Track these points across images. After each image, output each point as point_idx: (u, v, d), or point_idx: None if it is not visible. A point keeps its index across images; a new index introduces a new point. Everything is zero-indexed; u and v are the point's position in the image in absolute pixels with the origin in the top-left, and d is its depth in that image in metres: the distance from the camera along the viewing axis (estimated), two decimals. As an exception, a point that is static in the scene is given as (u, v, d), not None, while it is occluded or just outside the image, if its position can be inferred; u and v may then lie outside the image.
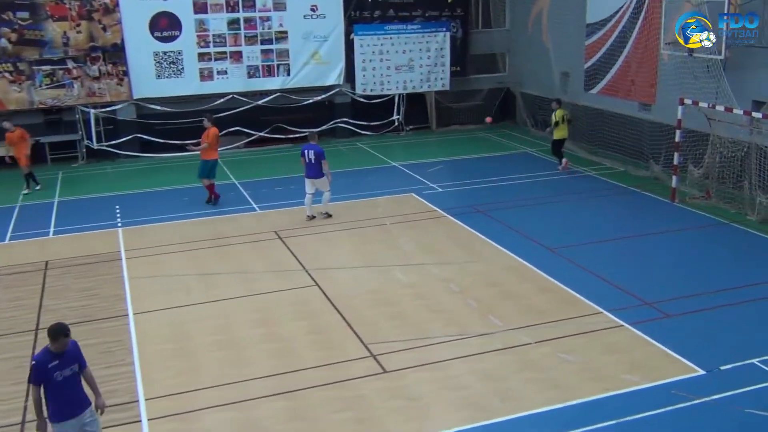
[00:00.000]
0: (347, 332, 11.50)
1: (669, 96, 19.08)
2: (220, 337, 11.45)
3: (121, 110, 24.05)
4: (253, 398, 9.66)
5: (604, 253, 14.59)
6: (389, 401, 9.52)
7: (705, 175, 17.97)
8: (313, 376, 10.16)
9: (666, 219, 16.74)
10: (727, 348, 10.54)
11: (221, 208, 18.36)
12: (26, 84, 22.90)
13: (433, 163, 22.56)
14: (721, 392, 9.43)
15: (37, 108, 23.28)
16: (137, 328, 11.85)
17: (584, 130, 23.46)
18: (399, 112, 27.11)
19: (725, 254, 14.50)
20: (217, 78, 24.85)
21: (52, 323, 8.01)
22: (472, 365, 10.35)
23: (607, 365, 10.21)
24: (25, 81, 22.87)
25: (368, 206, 18.20)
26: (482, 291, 12.90)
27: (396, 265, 14.23)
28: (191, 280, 13.80)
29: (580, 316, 11.78)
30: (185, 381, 10.16)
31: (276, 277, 13.82)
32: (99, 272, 14.34)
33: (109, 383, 10.12)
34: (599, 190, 19.11)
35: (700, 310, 11.82)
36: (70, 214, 18.31)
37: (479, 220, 16.75)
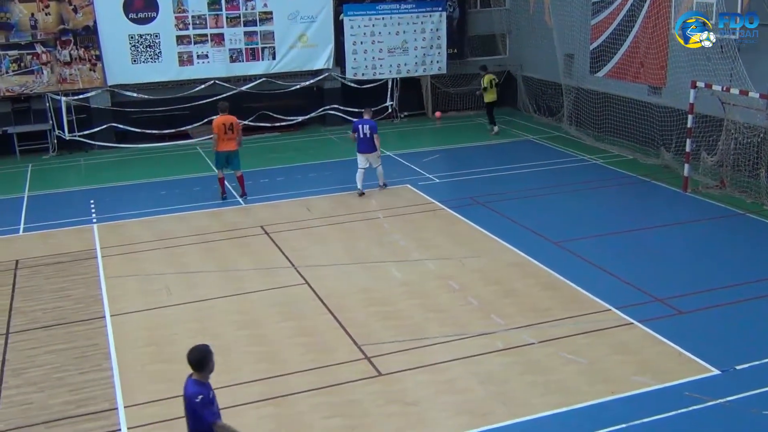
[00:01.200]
0: (339, 333, 11.54)
1: (680, 79, 19.16)
2: (202, 340, 11.41)
3: (95, 98, 24.00)
4: (238, 404, 9.70)
5: (612, 247, 14.66)
6: (384, 406, 9.58)
7: (719, 163, 18.04)
8: (303, 381, 10.20)
9: (678, 210, 16.83)
10: (743, 346, 10.61)
11: (204, 201, 18.36)
12: (-8, 70, 22.86)
13: (429, 152, 22.60)
14: (736, 393, 9.50)
15: (3, 96, 23.17)
16: (115, 331, 11.87)
17: (590, 115, 23.53)
18: (392, 97, 27.12)
19: (741, 247, 14.60)
20: (198, 62, 24.81)
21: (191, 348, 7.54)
22: (472, 367, 10.41)
23: (615, 366, 10.28)
24: (-9, 67, 22.85)
25: (360, 199, 18.23)
26: (483, 288, 12.97)
27: (391, 262, 14.28)
28: (172, 279, 13.82)
29: (586, 314, 11.85)
30: (167, 387, 10.17)
31: (262, 276, 13.85)
32: (73, 271, 14.35)
33: (85, 390, 10.18)
34: (606, 180, 19.18)
35: (715, 306, 11.89)
36: (40, 210, 18.30)
37: (479, 213, 16.81)
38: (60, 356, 11.16)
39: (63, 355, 11.18)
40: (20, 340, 11.69)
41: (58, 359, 11.06)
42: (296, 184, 19.68)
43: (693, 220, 16.17)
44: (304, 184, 19.58)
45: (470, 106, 28.07)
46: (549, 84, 25.84)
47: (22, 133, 23.63)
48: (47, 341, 11.64)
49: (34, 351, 11.33)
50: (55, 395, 10.07)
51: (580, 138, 23.36)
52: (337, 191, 18.88)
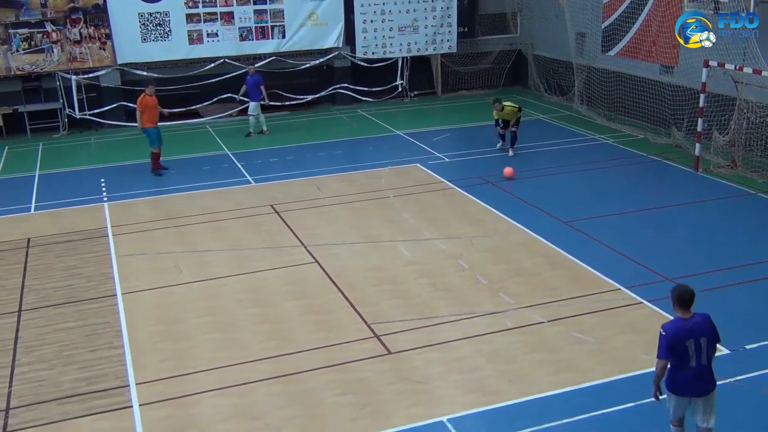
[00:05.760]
0: (349, 312, 11.59)
1: (692, 58, 19.01)
2: (213, 318, 11.55)
3: (105, 76, 24.03)
4: (249, 382, 9.76)
5: (623, 226, 14.63)
6: (393, 384, 9.62)
7: (731, 143, 17.95)
8: (313, 359, 10.26)
9: (689, 189, 16.78)
10: (753, 326, 10.61)
11: (214, 180, 18.39)
12: (2, 49, 22.85)
13: (439, 132, 22.56)
14: (746, 373, 9.52)
15: (14, 75, 23.23)
16: (126, 309, 11.95)
17: (601, 94, 23.42)
18: (402, 76, 27.06)
19: (752, 227, 14.55)
20: (207, 41, 24.78)
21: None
22: (481, 346, 10.45)
23: (624, 345, 10.29)
24: (1, 46, 22.83)
25: (370, 178, 18.24)
26: (492, 267, 12.98)
27: (400, 241, 14.30)
28: (182, 258, 13.88)
29: (596, 293, 11.86)
30: (178, 364, 10.26)
31: (272, 254, 13.89)
32: (84, 250, 14.43)
33: (96, 367, 10.26)
34: (617, 159, 19.12)
35: (726, 285, 11.87)
36: (52, 189, 18.38)
37: (489, 192, 16.80)
38: (71, 334, 11.24)
39: (74, 333, 11.26)
40: (32, 318, 11.78)
41: (70, 337, 11.14)
42: (306, 163, 19.69)
43: (704, 199, 16.11)
44: (313, 163, 19.59)
45: (480, 85, 27.97)
46: (560, 63, 25.69)
47: (33, 111, 23.70)
48: (58, 319, 11.72)
49: (45, 329, 11.42)
50: (66, 372, 10.16)
51: (590, 117, 23.25)
52: (347, 170, 18.88)
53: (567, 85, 25.26)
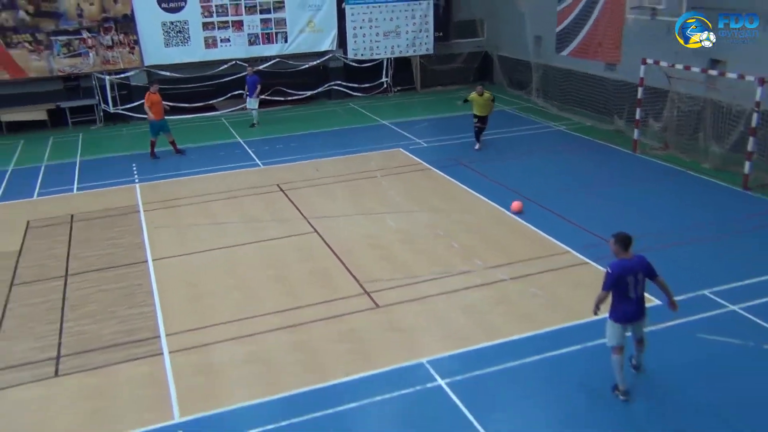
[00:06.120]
0: (344, 273, 11.66)
1: (633, 56, 19.04)
2: (231, 280, 11.60)
3: (134, 76, 23.81)
4: (262, 332, 9.85)
5: (574, 200, 14.71)
6: (382, 333, 9.73)
7: (664, 128, 18.04)
8: (315, 312, 10.34)
9: (628, 168, 16.87)
10: (681, 281, 10.69)
11: (228, 164, 18.34)
12: (45, 53, 22.58)
13: (419, 121, 22.53)
14: (675, 320, 9.64)
15: (56, 76, 23.01)
16: (156, 273, 11.98)
17: (555, 88, 23.42)
18: (387, 74, 26.93)
19: (681, 199, 14.67)
20: (221, 45, 24.56)
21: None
22: (456, 300, 10.56)
23: (574, 298, 10.42)
24: (44, 50, 22.55)
25: (361, 161, 18.23)
26: (464, 235, 13.06)
27: (387, 213, 14.35)
28: (204, 229, 13.90)
29: (550, 256, 11.97)
30: (202, 318, 10.33)
31: (280, 225, 13.92)
32: (120, 224, 14.42)
33: (132, 322, 10.32)
34: (569, 144, 19.17)
35: (657, 248, 11.96)
36: (91, 172, 18.29)
37: (461, 172, 16.84)
38: (110, 294, 11.28)
39: (113, 294, 11.30)
40: (77, 281, 11.80)
41: (109, 297, 11.18)
42: (307, 148, 19.64)
43: (641, 177, 16.21)
44: (313, 149, 19.54)
45: (453, 81, 27.90)
46: (520, 62, 25.63)
47: (74, 107, 23.49)
48: (99, 282, 11.75)
49: (88, 290, 11.45)
50: (106, 326, 10.22)
51: (546, 108, 23.27)
52: (341, 154, 18.86)
53: (526, 81, 25.21)
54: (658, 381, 8.43)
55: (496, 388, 8.39)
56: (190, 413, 8.14)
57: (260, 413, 8.11)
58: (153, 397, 8.49)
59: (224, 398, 8.40)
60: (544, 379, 8.56)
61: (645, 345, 8.41)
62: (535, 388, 8.41)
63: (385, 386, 8.49)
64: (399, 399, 8.26)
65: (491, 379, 8.57)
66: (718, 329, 9.43)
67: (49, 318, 10.57)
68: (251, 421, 7.96)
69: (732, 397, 8.10)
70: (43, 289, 11.58)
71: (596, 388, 8.36)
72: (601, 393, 8.27)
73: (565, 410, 8.00)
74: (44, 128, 23.17)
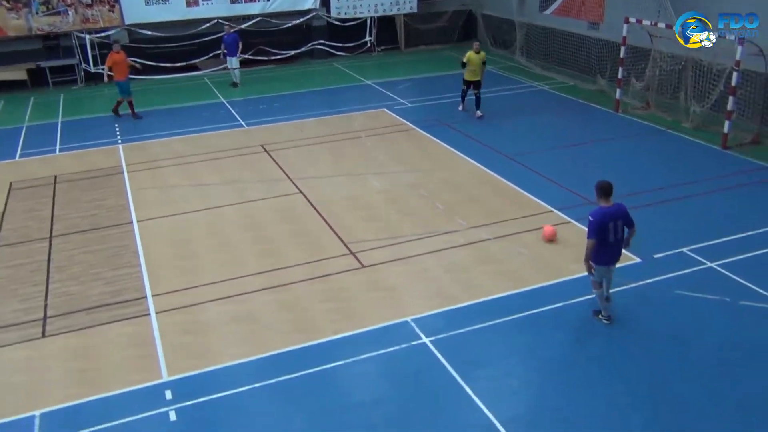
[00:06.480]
0: (329, 233, 11.66)
1: (615, 15, 18.89)
2: (216, 241, 11.57)
3: (114, 35, 23.29)
4: (248, 292, 9.86)
5: (555, 159, 14.73)
6: (367, 292, 9.77)
7: (646, 88, 18.02)
8: (300, 272, 10.35)
9: (610, 127, 16.87)
10: (660, 239, 10.85)
11: (212, 124, 18.13)
12: (24, 11, 22.04)
13: (402, 81, 22.33)
14: (655, 277, 9.80)
15: (35, 34, 22.49)
16: (141, 234, 11.91)
17: (539, 48, 23.24)
18: (371, 33, 26.59)
19: (661, 158, 14.72)
20: (202, 3, 24.05)
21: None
22: (439, 259, 10.60)
23: (555, 256, 10.50)
24: (23, 8, 22.02)
25: (345, 121, 18.09)
26: (448, 195, 13.06)
27: (371, 174, 14.30)
28: (188, 191, 13.79)
29: (532, 215, 12.01)
30: (187, 279, 10.31)
31: (264, 187, 13.84)
32: (103, 185, 14.27)
33: (118, 283, 10.28)
34: (551, 103, 19.11)
35: (638, 206, 12.02)
36: (73, 133, 18.02)
37: (445, 132, 16.77)
38: (96, 255, 11.22)
39: (98, 255, 11.24)
40: (61, 243, 11.71)
41: (94, 258, 11.12)
42: (290, 109, 19.44)
43: (623, 136, 16.23)
44: (297, 109, 19.35)
45: (437, 41, 27.60)
46: (504, 21, 25.37)
47: (54, 67, 23.01)
48: (84, 243, 11.67)
49: (73, 251, 11.37)
50: (93, 287, 10.17)
51: (529, 68, 23.13)
52: (325, 115, 18.70)
53: (510, 40, 25.00)
54: (638, 337, 8.56)
55: (479, 346, 8.48)
56: (178, 372, 8.17)
57: (248, 372, 8.15)
58: (141, 356, 8.50)
59: (212, 357, 8.43)
60: (527, 337, 8.65)
61: (611, 281, 8.79)
62: (518, 345, 8.51)
63: (370, 344, 8.55)
64: (384, 357, 8.34)
65: (474, 337, 8.65)
66: (696, 286, 9.56)
67: (34, 279, 10.50)
68: (239, 380, 8.02)
69: (710, 350, 8.26)
70: (27, 251, 11.48)
71: (578, 345, 8.48)
72: (583, 349, 8.40)
73: (547, 367, 8.12)
74: (24, 89, 22.72)
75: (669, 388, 7.63)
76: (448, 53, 26.06)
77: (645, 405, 7.40)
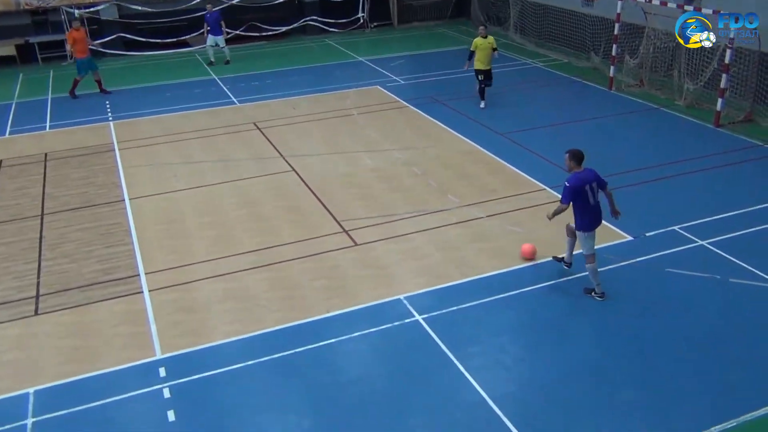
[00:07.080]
0: (321, 211, 11.65)
1: (610, -8, 18.79)
2: (209, 219, 11.55)
3: (104, 10, 23.08)
4: (240, 270, 9.87)
5: (548, 137, 14.72)
6: (360, 270, 9.79)
7: (639, 65, 17.97)
8: (293, 250, 10.36)
9: (604, 105, 16.85)
10: (652, 217, 10.91)
11: (204, 101, 18.03)
12: (11, -14, 21.79)
13: (395, 58, 22.20)
14: (646, 255, 9.86)
15: (23, 9, 22.22)
16: (133, 212, 11.88)
17: (532, 24, 23.11)
18: (364, 10, 26.37)
19: (654, 135, 14.74)
20: (193, -22, 23.80)
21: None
22: (432, 237, 10.62)
23: (548, 234, 10.52)
24: (10, -17, 21.77)
25: (337, 98, 18.00)
26: (440, 173, 13.05)
27: (363, 152, 14.26)
28: (180, 168, 13.73)
29: (525, 193, 12.03)
30: (180, 257, 10.31)
31: (256, 164, 13.80)
32: (95, 162, 14.19)
33: (111, 261, 10.27)
34: (545, 80, 19.06)
35: (630, 185, 12.12)
36: (63, 110, 17.87)
37: (438, 110, 16.71)
38: (88, 233, 11.19)
39: (91, 233, 11.21)
40: (53, 221, 11.68)
41: (87, 236, 11.09)
42: (283, 86, 19.33)
43: (616, 113, 16.22)
44: (289, 86, 19.24)
45: (431, 17, 27.42)
46: (498, -3, 25.23)
47: (43, 43, 22.76)
48: (76, 221, 11.64)
49: (65, 229, 11.34)
50: (86, 265, 10.17)
51: (523, 44, 23.02)
52: (318, 92, 18.60)
53: (504, 17, 24.84)
54: (628, 314, 8.63)
55: (471, 323, 8.53)
56: (172, 350, 8.20)
57: (241, 349, 8.19)
58: (134, 334, 8.52)
59: (205, 335, 8.46)
60: (519, 314, 8.70)
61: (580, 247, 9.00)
62: (510, 323, 8.57)
63: (363, 322, 8.59)
64: (377, 334, 8.39)
65: (467, 315, 8.69)
66: (686, 263, 9.62)
67: (26, 257, 10.48)
68: (232, 357, 8.05)
69: (700, 327, 8.33)
70: (19, 229, 11.44)
71: (570, 322, 8.55)
72: (575, 327, 8.46)
73: (539, 344, 8.18)
74: (13, 64, 22.49)
75: (659, 364, 7.71)
76: (441, 30, 25.88)
77: (635, 380, 7.48)
